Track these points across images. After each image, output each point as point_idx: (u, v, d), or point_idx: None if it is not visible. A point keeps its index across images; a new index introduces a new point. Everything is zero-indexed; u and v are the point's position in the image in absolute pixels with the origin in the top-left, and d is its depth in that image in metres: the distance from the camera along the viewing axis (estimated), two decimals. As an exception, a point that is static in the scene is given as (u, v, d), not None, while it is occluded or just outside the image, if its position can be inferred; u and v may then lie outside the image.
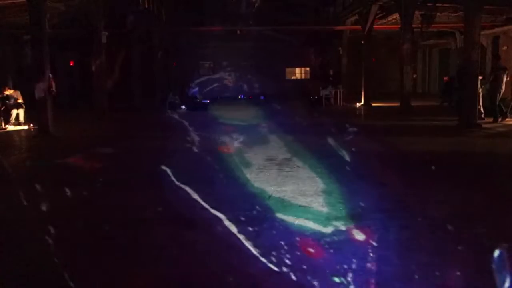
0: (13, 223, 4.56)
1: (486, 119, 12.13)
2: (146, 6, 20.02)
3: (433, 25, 17.59)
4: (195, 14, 23.91)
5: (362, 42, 19.10)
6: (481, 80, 12.31)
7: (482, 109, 12.39)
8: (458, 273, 3.17)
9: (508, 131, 10.84)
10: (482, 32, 14.66)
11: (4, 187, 6.16)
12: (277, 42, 24.93)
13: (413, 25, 16.05)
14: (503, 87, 12.13)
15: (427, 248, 3.60)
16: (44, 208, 5.00)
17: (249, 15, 25.32)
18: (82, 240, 3.95)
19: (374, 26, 18.71)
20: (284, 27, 23.81)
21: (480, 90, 12.25)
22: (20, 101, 13.18)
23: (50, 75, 11.21)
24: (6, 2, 14.04)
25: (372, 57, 20.60)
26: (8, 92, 13.08)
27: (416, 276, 3.10)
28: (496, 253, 3.34)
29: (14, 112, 13.04)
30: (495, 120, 12.07)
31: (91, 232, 4.19)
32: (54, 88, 11.46)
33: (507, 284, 2.93)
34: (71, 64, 23.49)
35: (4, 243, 3.97)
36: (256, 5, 26.35)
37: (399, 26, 15.88)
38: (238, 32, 25.58)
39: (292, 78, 28.18)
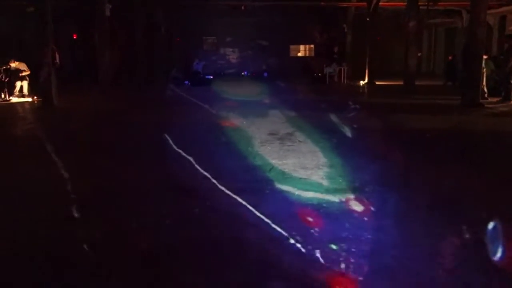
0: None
1: (489, 98, 12.08)
2: (150, -21, 19.81)
3: (439, 3, 17.38)
4: (200, -11, 23.62)
5: (367, 19, 18.92)
6: (485, 60, 12.24)
7: (485, 89, 12.35)
8: (453, 242, 3.26)
9: (511, 110, 10.84)
10: (489, 11, 14.49)
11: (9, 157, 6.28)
12: (281, 19, 24.67)
13: (420, 3, 15.86)
14: None
15: (423, 219, 3.69)
16: (45, 177, 5.11)
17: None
18: (85, 207, 4.04)
19: (380, 3, 18.50)
20: (289, 3, 23.54)
21: (484, 70, 12.20)
22: (25, 73, 13.18)
23: (54, 47, 11.21)
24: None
25: (377, 35, 20.42)
26: (14, 64, 13.08)
27: (412, 245, 3.20)
28: (490, 225, 3.43)
29: (18, 84, 13.08)
30: (507, 100, 11.98)
31: (92, 201, 4.29)
32: (58, 60, 11.47)
33: (498, 254, 3.02)
34: (74, 37, 23.37)
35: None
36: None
37: (405, 3, 15.71)
38: (243, 7, 25.30)
39: (296, 55, 27.97)
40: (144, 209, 4.00)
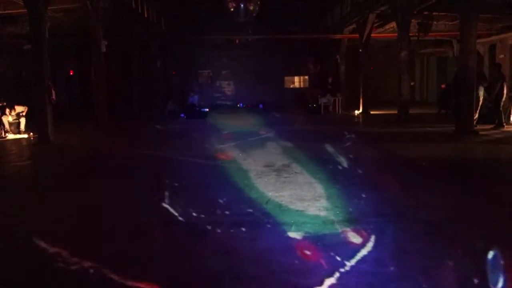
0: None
1: (478, 126, 12.06)
2: (145, 15, 20.17)
3: (430, 34, 17.73)
4: (194, 23, 24.07)
5: (360, 50, 19.24)
6: (485, 87, 12.43)
7: (476, 116, 12.45)
8: (452, 274, 3.22)
9: (505, 137, 10.91)
10: (479, 40, 14.80)
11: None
12: (275, 51, 25.08)
13: (411, 34, 16.17)
14: (505, 94, 12.26)
15: (422, 251, 3.65)
16: (40, 217, 5.06)
17: (248, 24, 25.49)
18: (80, 243, 3.99)
19: (371, 35, 18.86)
20: (282, 36, 23.97)
21: (481, 98, 12.36)
22: (24, 112, 13.30)
23: (50, 84, 11.30)
24: (6, 12, 14.18)
25: (370, 65, 20.73)
26: (18, 109, 13.19)
27: (411, 277, 3.15)
28: (490, 255, 3.40)
29: (4, 119, 13.04)
30: (500, 126, 12.15)
31: (91, 237, 4.24)
32: (54, 97, 11.54)
33: (500, 285, 2.98)
34: (71, 73, 23.61)
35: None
36: (254, 14, 26.53)
37: (397, 34, 16.02)
38: (237, 41, 25.75)
39: (291, 86, 28.31)
40: (140, 245, 3.95)
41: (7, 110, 13.06)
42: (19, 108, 13.26)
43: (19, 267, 3.53)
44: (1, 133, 12.87)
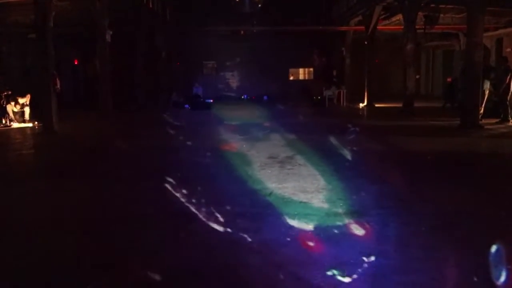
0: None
1: (483, 120, 11.99)
2: (151, 5, 20.10)
3: (436, 26, 17.60)
4: (199, 14, 24.00)
5: (366, 43, 19.12)
6: (491, 80, 12.34)
7: (481, 110, 12.38)
8: (455, 267, 3.22)
9: (510, 132, 10.84)
10: (486, 34, 14.67)
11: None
12: (281, 43, 24.98)
13: (417, 26, 16.05)
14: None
15: (425, 244, 3.65)
16: (46, 206, 5.09)
17: (253, 15, 25.39)
18: (87, 233, 4.02)
19: (377, 27, 18.72)
20: (287, 28, 23.86)
21: (487, 92, 12.28)
22: (27, 101, 13.33)
23: (55, 73, 11.31)
24: (11, 0, 14.15)
25: (376, 58, 20.60)
26: (21, 100, 13.21)
27: (413, 270, 3.15)
28: (493, 249, 3.39)
29: (9, 108, 13.06)
30: (505, 121, 12.08)
31: (95, 226, 4.26)
32: (58, 86, 11.56)
33: (502, 278, 2.98)
34: (76, 63, 23.59)
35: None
36: (259, 5, 26.43)
37: (403, 27, 15.91)
38: (242, 32, 25.66)
39: (296, 78, 28.21)
40: (143, 235, 3.96)
41: (12, 103, 13.09)
42: (22, 100, 13.30)
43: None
44: (6, 122, 12.92)
